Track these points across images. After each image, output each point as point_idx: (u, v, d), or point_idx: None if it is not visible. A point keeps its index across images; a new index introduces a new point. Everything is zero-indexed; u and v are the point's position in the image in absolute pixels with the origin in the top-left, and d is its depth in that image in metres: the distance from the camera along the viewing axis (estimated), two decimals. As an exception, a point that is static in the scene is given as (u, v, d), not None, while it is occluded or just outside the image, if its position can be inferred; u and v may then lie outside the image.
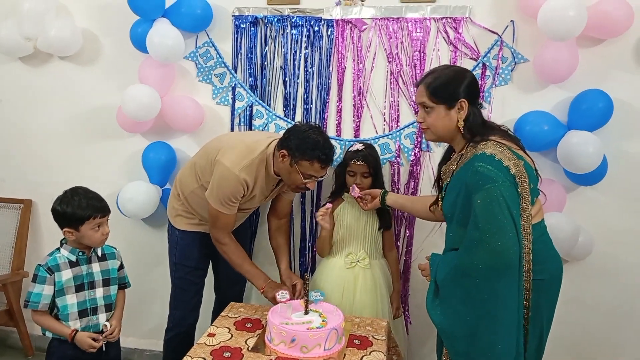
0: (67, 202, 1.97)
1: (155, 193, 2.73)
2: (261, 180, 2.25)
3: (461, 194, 1.73)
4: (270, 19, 2.62)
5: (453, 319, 1.71)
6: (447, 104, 1.78)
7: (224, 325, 2.05)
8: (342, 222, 2.42)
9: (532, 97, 2.47)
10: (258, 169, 2.21)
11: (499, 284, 1.61)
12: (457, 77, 1.79)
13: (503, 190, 1.60)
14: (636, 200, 2.49)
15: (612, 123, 2.36)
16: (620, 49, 2.39)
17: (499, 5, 2.44)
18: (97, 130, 2.93)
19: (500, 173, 1.63)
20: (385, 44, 2.56)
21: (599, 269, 2.57)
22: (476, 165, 1.66)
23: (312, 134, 2.13)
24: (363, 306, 2.34)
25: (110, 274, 2.12)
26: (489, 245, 1.58)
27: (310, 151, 2.09)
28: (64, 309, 1.98)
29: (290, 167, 2.15)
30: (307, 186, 2.19)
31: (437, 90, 1.78)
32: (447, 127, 1.81)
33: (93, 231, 1.99)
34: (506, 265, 1.59)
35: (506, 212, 1.59)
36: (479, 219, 1.61)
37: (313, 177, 2.16)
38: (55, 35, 2.70)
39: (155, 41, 2.50)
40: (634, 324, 2.61)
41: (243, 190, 2.19)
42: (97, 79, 2.88)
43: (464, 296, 1.67)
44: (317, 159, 2.11)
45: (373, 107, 2.63)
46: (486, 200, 1.60)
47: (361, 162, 2.35)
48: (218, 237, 2.29)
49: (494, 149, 1.68)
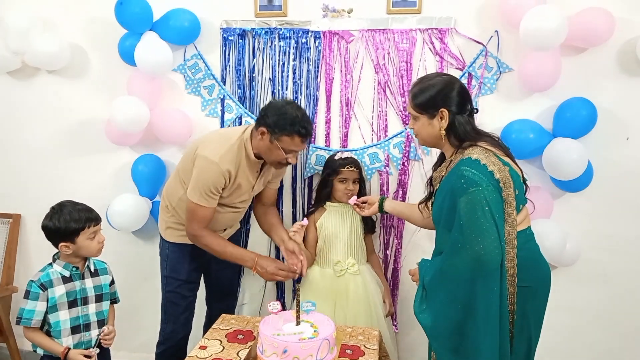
0: (58, 217, 1.96)
1: (145, 205, 2.73)
2: (243, 166, 2.24)
3: (447, 198, 1.76)
4: (258, 31, 2.64)
5: (439, 320, 1.73)
6: (428, 114, 1.84)
7: (215, 337, 2.05)
8: (326, 231, 2.44)
9: (517, 106, 2.51)
10: (238, 155, 2.21)
11: (480, 286, 1.63)
12: (441, 88, 1.82)
13: (487, 194, 1.63)
14: (622, 206, 2.53)
15: (597, 130, 2.40)
16: (603, 57, 2.43)
17: (483, 16, 2.48)
18: (86, 144, 2.92)
19: (484, 177, 1.65)
20: (372, 55, 2.58)
21: (587, 275, 2.60)
22: (462, 169, 1.69)
23: (290, 109, 2.14)
24: (357, 313, 2.36)
25: (103, 289, 2.11)
26: (471, 248, 1.61)
27: (289, 126, 2.10)
28: (57, 325, 1.97)
29: (271, 144, 2.15)
30: (288, 161, 2.20)
31: (419, 101, 1.84)
32: (431, 135, 1.87)
33: (89, 241, 1.99)
34: (487, 268, 1.61)
35: (488, 216, 1.62)
36: (462, 222, 1.64)
37: (294, 151, 2.18)
38: (42, 50, 2.70)
39: (143, 54, 2.51)
40: (622, 329, 2.64)
41: (224, 179, 2.18)
42: (85, 93, 2.88)
43: (448, 297, 1.70)
44: (297, 134, 2.12)
45: (361, 118, 2.65)
46: (470, 204, 1.64)
47: (354, 168, 2.40)
48: (194, 231, 2.25)
49: (480, 154, 1.71)
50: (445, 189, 1.78)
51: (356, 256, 2.44)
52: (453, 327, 1.70)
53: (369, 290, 2.42)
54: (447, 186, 1.77)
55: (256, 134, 2.18)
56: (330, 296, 2.38)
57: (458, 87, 1.84)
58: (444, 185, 1.82)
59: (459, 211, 1.67)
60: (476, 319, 1.65)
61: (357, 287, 2.39)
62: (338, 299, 2.38)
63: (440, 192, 1.85)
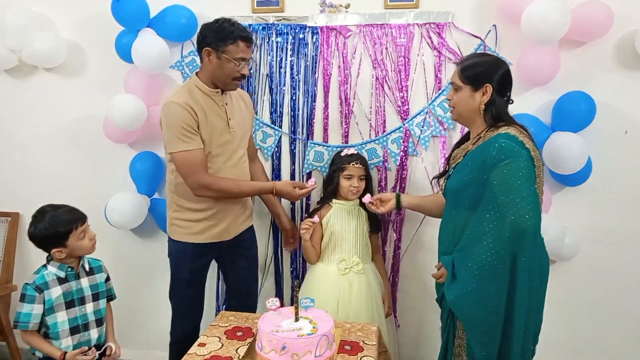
0: (43, 225, 1.93)
1: (143, 203, 2.72)
2: (205, 102, 2.21)
3: (475, 171, 1.79)
4: (255, 27, 2.63)
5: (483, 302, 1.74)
6: (473, 85, 1.88)
7: (214, 334, 2.05)
8: (332, 228, 2.43)
9: (515, 100, 2.43)
10: (191, 93, 2.20)
11: (520, 256, 1.68)
12: (491, 65, 1.89)
13: (525, 164, 1.69)
14: (621, 200, 2.53)
15: (595, 124, 2.40)
16: (601, 51, 2.43)
17: (481, 11, 2.48)
18: (84, 141, 2.92)
19: (522, 150, 1.72)
20: (370, 50, 2.58)
21: (585, 270, 2.60)
22: (500, 141, 1.74)
23: (224, 22, 2.17)
24: (359, 311, 2.35)
25: (99, 287, 2.11)
26: (511, 216, 1.64)
27: (230, 34, 2.13)
28: (54, 327, 1.96)
29: (219, 60, 2.16)
30: (242, 72, 2.19)
31: (468, 72, 1.88)
32: (469, 107, 1.90)
33: (80, 241, 1.98)
34: (527, 234, 1.65)
35: (527, 184, 1.67)
36: (497, 194, 1.68)
37: (243, 59, 2.17)
38: (39, 47, 2.69)
39: (140, 51, 2.51)
40: (621, 323, 2.64)
41: (189, 113, 2.13)
42: (83, 90, 2.87)
43: (491, 276, 1.72)
44: (240, 38, 2.14)
45: (359, 113, 2.64)
46: (508, 173, 1.69)
47: (360, 164, 2.39)
48: (199, 182, 2.18)
49: (516, 132, 1.79)
50: (475, 162, 1.81)
51: (361, 255, 2.43)
52: (501, 307, 1.72)
53: (372, 289, 2.42)
54: (477, 158, 1.80)
55: (203, 58, 2.20)
56: (333, 294, 2.37)
57: (505, 69, 1.90)
58: (472, 158, 1.85)
59: (494, 182, 1.70)
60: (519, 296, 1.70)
61: (361, 285, 2.39)
62: (341, 296, 2.37)
63: (463, 166, 1.88)
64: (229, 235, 2.40)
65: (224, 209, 2.33)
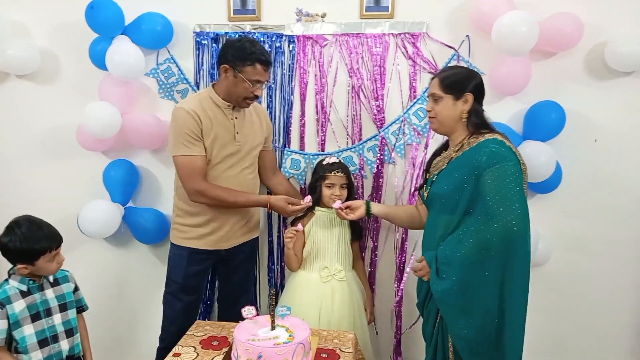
0: (17, 238, 1.87)
1: (117, 212, 2.69)
2: (214, 114, 2.25)
3: (463, 176, 1.83)
4: (232, 35, 2.63)
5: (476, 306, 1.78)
6: (454, 95, 1.93)
7: (189, 344, 2.02)
8: (315, 237, 2.43)
9: (488, 109, 2.49)
10: (203, 103, 2.24)
11: (512, 259, 1.72)
12: (468, 75, 1.97)
13: (516, 168, 1.77)
14: (591, 207, 2.59)
15: (566, 133, 2.45)
16: (572, 62, 2.49)
17: (455, 21, 2.52)
18: (57, 149, 2.87)
19: (512, 154, 1.80)
20: (346, 59, 2.60)
21: (558, 275, 2.65)
22: (490, 146, 1.80)
23: (246, 42, 2.21)
24: (341, 319, 2.35)
25: (66, 297, 2.05)
26: (503, 219, 1.69)
27: (249, 55, 2.17)
28: (22, 341, 1.91)
29: (235, 79, 2.20)
30: (255, 93, 2.22)
31: (449, 82, 1.94)
32: (451, 116, 1.95)
33: (49, 263, 1.94)
34: (517, 237, 1.70)
35: (518, 188, 1.73)
36: (488, 198, 1.73)
37: (259, 81, 2.20)
38: (12, 54, 2.64)
39: (115, 59, 2.48)
40: (595, 328, 2.69)
41: (194, 121, 2.18)
42: (56, 98, 2.82)
43: (483, 276, 1.76)
44: (259, 61, 2.17)
45: (336, 121, 2.66)
46: (499, 177, 1.74)
47: (341, 173, 2.40)
48: (195, 187, 2.22)
49: (503, 138, 1.87)
50: (464, 167, 1.85)
51: (343, 262, 2.43)
52: (493, 309, 1.76)
53: (354, 296, 2.42)
54: (467, 164, 1.84)
55: (221, 73, 2.23)
56: (316, 302, 2.36)
57: (480, 79, 1.98)
58: (460, 164, 1.89)
59: (485, 186, 1.75)
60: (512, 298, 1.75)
61: (343, 293, 2.39)
62: (323, 304, 2.36)
63: (449, 172, 1.92)
64: (227, 244, 2.41)
65: (219, 217, 2.35)
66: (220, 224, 2.36)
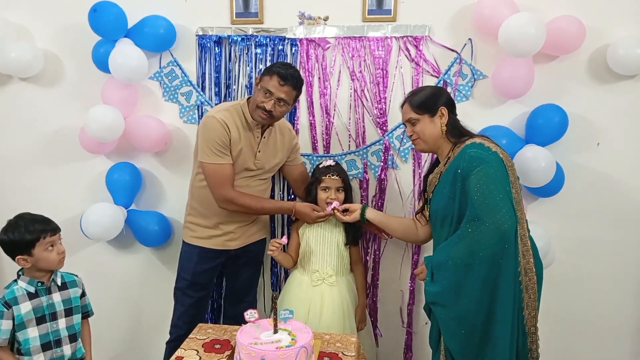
0: (13, 230, 1.92)
1: (120, 214, 2.68)
2: (243, 130, 2.31)
3: (454, 184, 1.86)
4: (235, 38, 2.64)
5: (468, 303, 1.79)
6: (429, 113, 1.99)
7: (192, 347, 2.02)
8: (308, 240, 2.44)
9: (491, 112, 2.55)
10: (234, 116, 2.30)
11: (501, 259, 1.72)
12: (435, 91, 2.06)
13: (495, 169, 1.78)
14: (593, 210, 2.58)
15: (568, 136, 2.45)
16: (574, 65, 2.49)
17: (457, 24, 2.52)
18: (60, 152, 2.87)
19: (491, 156, 1.82)
20: (349, 62, 2.60)
21: (561, 279, 2.63)
22: (468, 152, 1.84)
23: (278, 61, 2.41)
24: (329, 324, 2.34)
25: (72, 302, 2.06)
26: (489, 219, 1.70)
27: (272, 67, 2.26)
28: (26, 343, 1.92)
29: (256, 87, 2.28)
30: (265, 105, 2.22)
31: (420, 103, 2.01)
32: (433, 133, 2.00)
33: (47, 252, 1.94)
34: (506, 237, 1.71)
35: (500, 188, 1.75)
36: (475, 199, 1.74)
37: (271, 92, 2.21)
38: (15, 57, 2.64)
39: (118, 62, 2.49)
40: (596, 332, 2.69)
41: (224, 130, 2.24)
42: (59, 101, 2.83)
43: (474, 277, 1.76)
44: (277, 74, 2.21)
45: (339, 125, 2.66)
46: (481, 179, 1.76)
47: (336, 176, 2.39)
48: (225, 195, 2.29)
49: (482, 140, 1.90)
50: (451, 177, 1.87)
51: (335, 267, 2.42)
52: (482, 308, 1.76)
53: (344, 302, 2.40)
54: (451, 174, 1.87)
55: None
56: (305, 304, 2.37)
57: (447, 92, 2.08)
58: (446, 177, 1.92)
59: (470, 190, 1.77)
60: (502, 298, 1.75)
61: (333, 298, 2.38)
62: (312, 307, 2.36)
63: (442, 186, 1.94)
64: (236, 243, 2.47)
65: (229, 219, 2.41)
66: (229, 226, 2.43)
